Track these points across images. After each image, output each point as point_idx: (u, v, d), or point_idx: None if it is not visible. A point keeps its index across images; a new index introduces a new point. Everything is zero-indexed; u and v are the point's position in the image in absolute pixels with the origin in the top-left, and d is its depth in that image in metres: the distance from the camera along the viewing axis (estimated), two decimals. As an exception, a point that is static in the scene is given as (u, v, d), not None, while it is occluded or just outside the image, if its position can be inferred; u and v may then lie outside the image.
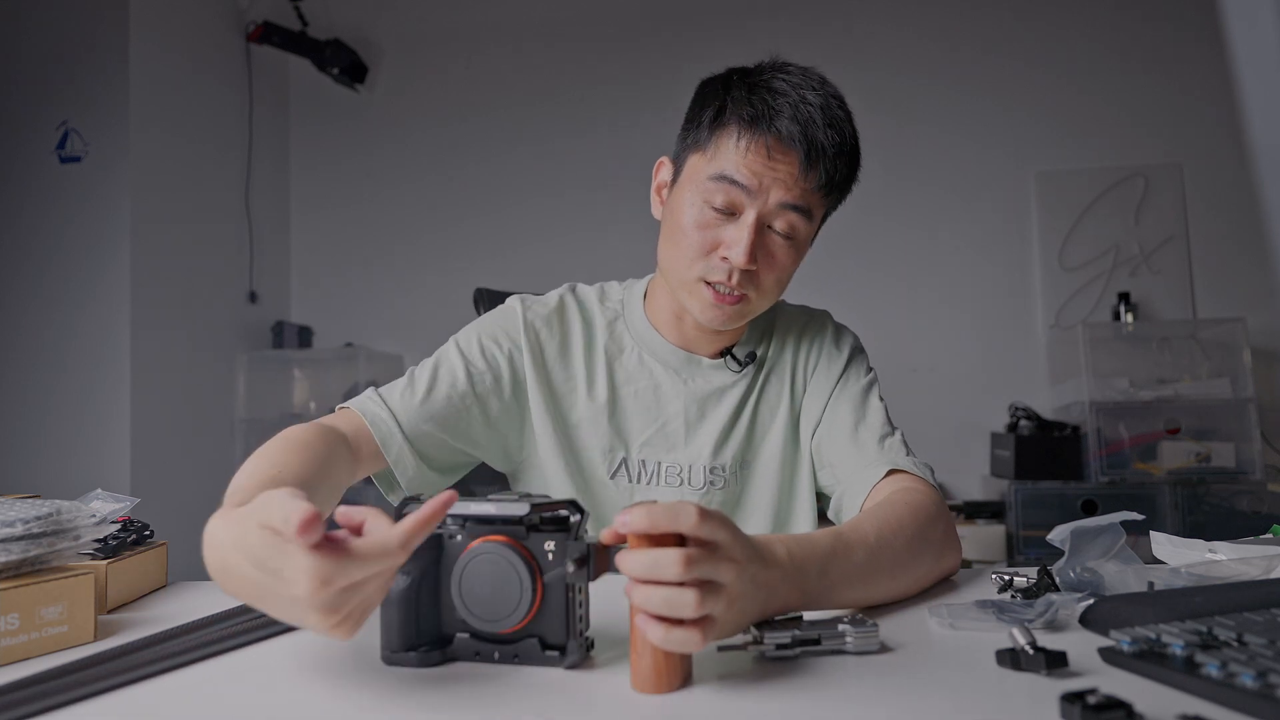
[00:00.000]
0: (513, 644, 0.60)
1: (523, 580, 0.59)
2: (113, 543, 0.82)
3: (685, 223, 0.93)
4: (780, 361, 1.08)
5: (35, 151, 2.66)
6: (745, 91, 0.91)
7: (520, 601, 0.59)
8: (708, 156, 0.92)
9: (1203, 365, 2.77)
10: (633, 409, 1.04)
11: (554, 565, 0.59)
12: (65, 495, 0.87)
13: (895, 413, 1.05)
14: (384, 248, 3.46)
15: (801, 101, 0.89)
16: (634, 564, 0.54)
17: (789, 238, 0.93)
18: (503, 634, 0.60)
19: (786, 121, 0.89)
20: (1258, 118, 0.33)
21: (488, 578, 0.59)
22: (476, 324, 1.06)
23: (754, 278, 0.93)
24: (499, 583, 0.59)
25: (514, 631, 0.60)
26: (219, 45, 3.14)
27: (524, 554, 0.59)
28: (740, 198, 0.90)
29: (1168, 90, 3.01)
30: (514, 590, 0.59)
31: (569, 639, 0.59)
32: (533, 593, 0.59)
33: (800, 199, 0.91)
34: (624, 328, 1.07)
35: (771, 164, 0.89)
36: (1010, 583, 0.78)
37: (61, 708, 0.53)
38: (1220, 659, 0.50)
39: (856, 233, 3.13)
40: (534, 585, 0.59)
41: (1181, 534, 0.87)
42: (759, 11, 3.23)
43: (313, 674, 0.61)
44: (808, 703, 0.52)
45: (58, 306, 2.64)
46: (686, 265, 0.94)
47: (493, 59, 3.43)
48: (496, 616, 0.59)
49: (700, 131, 0.94)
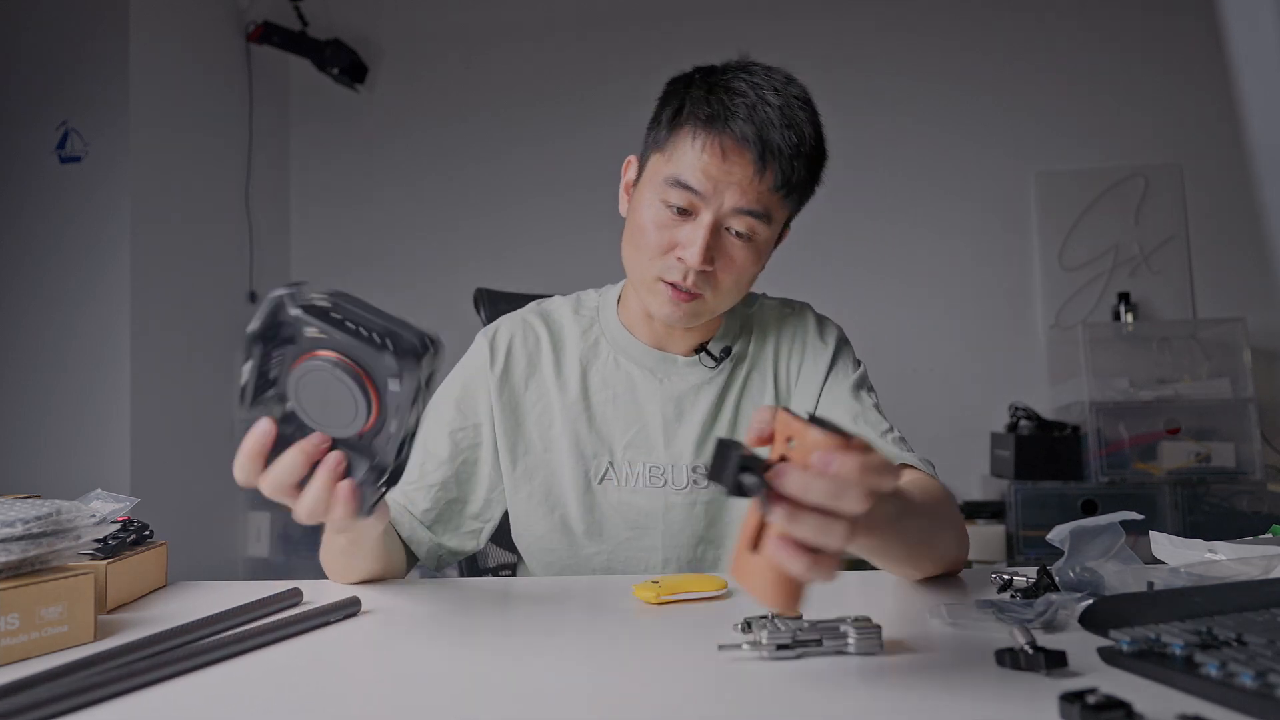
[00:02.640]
0: (387, 414, 0.63)
1: (333, 371, 0.61)
2: (113, 543, 0.82)
3: (644, 222, 0.94)
4: (762, 357, 1.07)
5: (35, 151, 2.66)
6: (704, 91, 0.92)
7: (349, 388, 0.61)
8: (666, 157, 0.93)
9: (1203, 365, 2.77)
10: (612, 413, 1.03)
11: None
12: (65, 495, 0.87)
13: (895, 413, 1.04)
14: (384, 248, 3.46)
15: (760, 102, 0.89)
16: (810, 488, 0.49)
17: (748, 240, 0.93)
18: (373, 420, 0.63)
19: (741, 122, 0.88)
20: (1258, 118, 0.33)
21: (317, 394, 0.63)
22: (448, 381, 1.07)
23: (711, 278, 0.93)
24: (327, 389, 0.62)
25: (378, 404, 0.62)
26: (219, 45, 3.14)
27: (315, 355, 0.62)
28: (695, 200, 0.90)
29: (1168, 90, 3.01)
30: (338, 387, 0.61)
31: (382, 351, 0.61)
32: (347, 371, 0.61)
33: (755, 203, 0.90)
34: (600, 332, 1.07)
35: (726, 166, 0.89)
36: (1010, 583, 0.78)
37: (61, 707, 0.53)
38: (1220, 659, 0.50)
39: (856, 232, 3.13)
40: (340, 364, 0.61)
41: (1181, 534, 0.87)
42: (760, 12, 3.23)
43: (313, 673, 0.61)
44: (808, 703, 0.52)
45: (58, 306, 2.64)
46: (645, 264, 0.95)
47: (493, 59, 3.43)
48: (351, 418, 0.63)
49: (660, 131, 0.95)
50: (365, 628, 0.73)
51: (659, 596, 0.76)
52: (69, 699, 0.53)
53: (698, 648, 0.62)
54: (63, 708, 0.53)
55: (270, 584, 0.82)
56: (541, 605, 0.80)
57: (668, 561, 1.01)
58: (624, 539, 1.01)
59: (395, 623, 0.74)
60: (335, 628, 0.72)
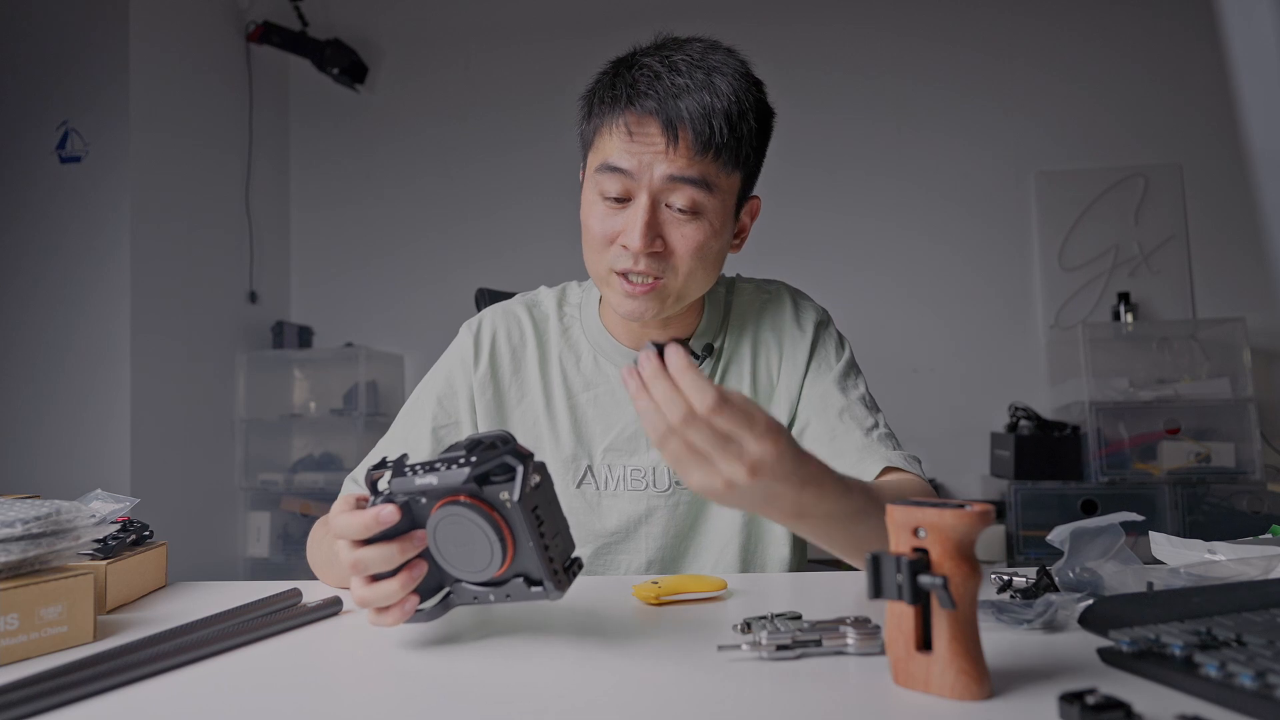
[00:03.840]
0: (503, 585, 0.64)
1: (488, 533, 0.61)
2: (112, 543, 0.82)
3: (588, 219, 0.94)
4: (739, 351, 1.03)
5: (35, 151, 2.66)
6: (611, 77, 0.92)
7: (493, 552, 0.61)
8: (594, 149, 0.93)
9: (1202, 365, 2.77)
10: (593, 415, 1.02)
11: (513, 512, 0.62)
12: (65, 495, 0.87)
13: (895, 413, 1.03)
14: (384, 248, 3.46)
15: (666, 71, 0.87)
16: (656, 389, 0.57)
17: (695, 214, 0.89)
18: (492, 579, 0.63)
19: (643, 97, 0.87)
20: (1257, 118, 0.33)
21: (457, 537, 0.62)
22: (432, 373, 1.06)
23: (666, 259, 0.90)
24: (469, 539, 0.61)
25: (502, 574, 0.63)
26: (219, 45, 3.14)
27: (483, 509, 0.61)
28: (627, 182, 0.89)
29: (1168, 90, 3.01)
30: (483, 543, 0.61)
31: (546, 578, 0.62)
32: (500, 541, 0.61)
33: (685, 169, 0.87)
34: (580, 332, 1.05)
35: (640, 141, 0.87)
36: (1009, 583, 0.78)
37: (61, 708, 0.53)
38: (1219, 659, 0.50)
39: (857, 233, 3.14)
40: (500, 534, 0.61)
41: (1181, 534, 0.87)
42: (761, 13, 3.23)
43: (312, 673, 0.61)
44: (808, 703, 0.52)
45: (58, 306, 2.64)
46: (596, 260, 0.94)
47: (493, 59, 3.43)
48: (478, 569, 0.62)
49: (585, 127, 0.95)
50: (345, 627, 0.72)
51: (658, 597, 0.76)
52: (69, 699, 0.54)
53: (698, 648, 0.62)
54: (61, 703, 0.53)
55: (270, 584, 0.82)
56: (539, 605, 0.80)
57: (651, 564, 1.00)
58: (606, 543, 1.00)
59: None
60: (319, 626, 0.72)
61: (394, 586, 0.63)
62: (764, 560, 1.01)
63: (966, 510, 0.51)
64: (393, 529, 0.63)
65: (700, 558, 1.01)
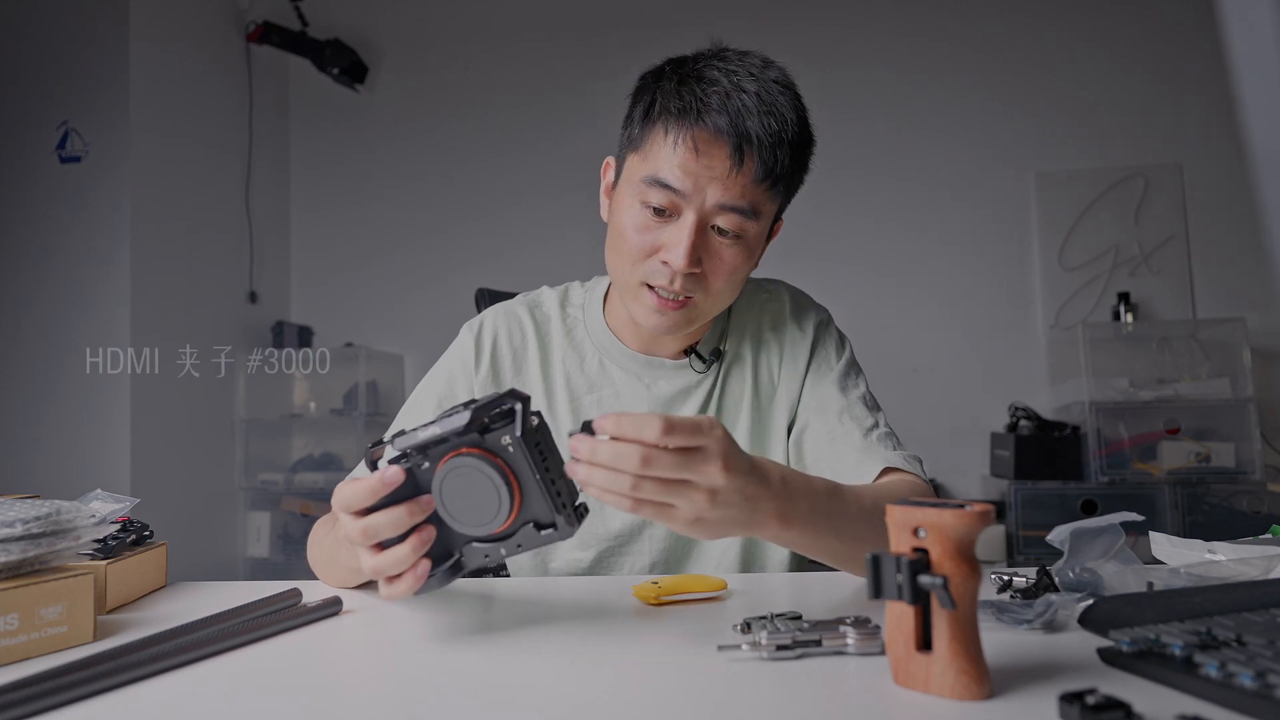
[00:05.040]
0: (513, 535, 0.64)
1: (494, 479, 0.61)
2: (112, 543, 0.82)
3: (624, 226, 0.89)
4: (740, 352, 1.02)
5: (35, 151, 2.66)
6: (675, 84, 0.87)
7: (500, 499, 0.62)
8: (642, 156, 0.88)
9: (1202, 365, 2.77)
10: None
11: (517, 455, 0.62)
12: (65, 495, 0.87)
13: (895, 413, 1.03)
14: (384, 248, 3.46)
15: (735, 90, 0.84)
16: (600, 452, 0.58)
17: (737, 237, 0.88)
18: (501, 531, 0.63)
19: (715, 113, 0.83)
20: (1257, 118, 0.33)
21: (464, 490, 0.62)
22: (433, 373, 1.05)
23: (700, 280, 0.89)
24: (475, 490, 0.62)
25: (511, 525, 0.63)
26: (219, 45, 3.14)
27: (487, 456, 0.61)
28: (676, 200, 0.85)
29: (1168, 90, 3.01)
30: (490, 492, 0.61)
31: (556, 514, 0.62)
32: (507, 486, 0.61)
33: (740, 198, 0.85)
34: (584, 334, 1.04)
35: (703, 160, 0.84)
36: (1009, 583, 0.78)
37: (61, 708, 0.53)
38: (1219, 659, 0.50)
39: (857, 233, 3.14)
40: (506, 479, 0.61)
41: (1181, 534, 0.87)
42: (761, 12, 3.24)
43: (312, 673, 0.61)
44: (808, 703, 0.52)
45: (58, 306, 2.64)
46: (628, 270, 0.90)
47: (493, 59, 3.43)
48: (486, 520, 0.62)
49: (634, 129, 0.90)
50: (345, 627, 0.73)
51: (658, 597, 0.76)
52: (69, 699, 0.54)
53: (697, 648, 0.62)
54: (61, 703, 0.53)
55: (270, 584, 0.82)
56: (540, 605, 0.80)
57: (654, 565, 1.00)
58: (610, 545, 1.00)
59: (382, 622, 0.74)
60: (319, 626, 0.72)
61: (405, 550, 0.63)
62: (765, 562, 1.01)
63: (966, 510, 0.51)
64: (398, 494, 0.63)
65: (703, 559, 1.01)
